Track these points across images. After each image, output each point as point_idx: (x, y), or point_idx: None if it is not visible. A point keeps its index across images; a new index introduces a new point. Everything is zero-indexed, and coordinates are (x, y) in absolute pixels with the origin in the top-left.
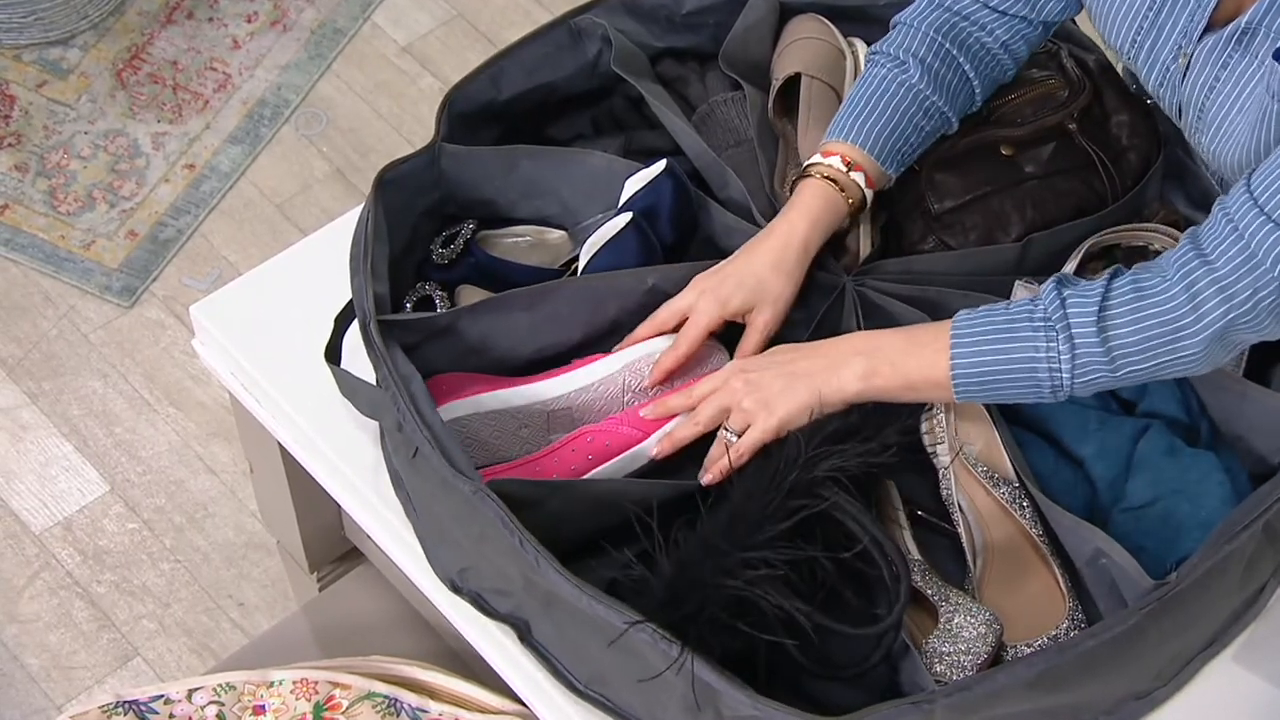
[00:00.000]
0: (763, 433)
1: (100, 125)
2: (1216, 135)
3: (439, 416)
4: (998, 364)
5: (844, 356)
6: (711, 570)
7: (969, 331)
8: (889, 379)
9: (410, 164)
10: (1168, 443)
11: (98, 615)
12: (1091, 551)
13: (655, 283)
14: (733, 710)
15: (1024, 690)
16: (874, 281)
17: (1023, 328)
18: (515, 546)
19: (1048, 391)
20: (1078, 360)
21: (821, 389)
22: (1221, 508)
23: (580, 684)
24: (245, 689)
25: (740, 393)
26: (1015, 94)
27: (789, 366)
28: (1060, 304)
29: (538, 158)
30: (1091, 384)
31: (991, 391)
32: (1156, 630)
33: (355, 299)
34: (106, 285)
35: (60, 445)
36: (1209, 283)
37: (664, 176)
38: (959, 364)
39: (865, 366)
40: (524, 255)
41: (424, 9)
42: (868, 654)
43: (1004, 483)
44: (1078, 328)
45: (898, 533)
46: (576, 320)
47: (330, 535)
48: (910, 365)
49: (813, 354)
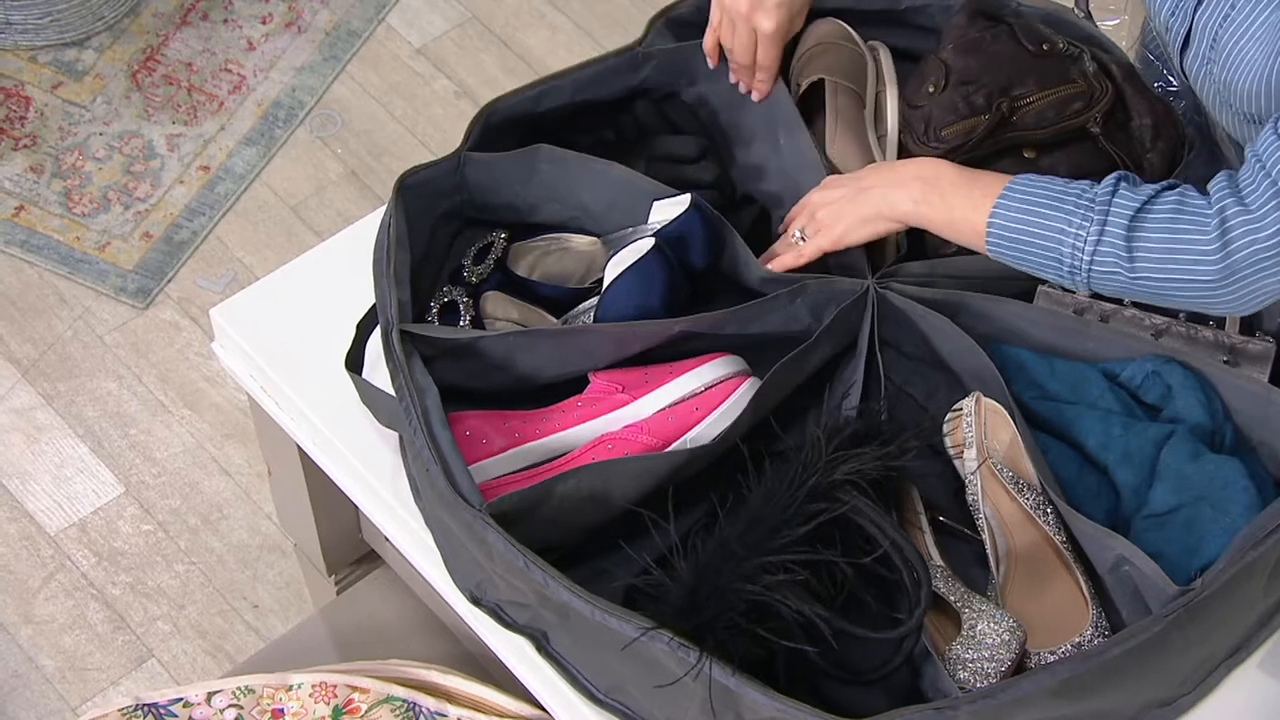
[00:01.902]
0: (827, 240)
1: (115, 127)
2: (1229, 63)
3: (449, 434)
4: (1030, 229)
5: (907, 178)
6: (730, 575)
7: (1021, 191)
8: (936, 210)
9: (434, 170)
10: (1191, 448)
11: (113, 617)
12: (1114, 559)
13: (682, 329)
14: (754, 712)
15: (1048, 698)
16: (898, 284)
17: (1069, 202)
18: (522, 569)
19: (1066, 270)
20: (1100, 248)
21: (880, 205)
22: (1246, 514)
23: (600, 693)
24: (264, 692)
25: (816, 205)
26: (1037, 96)
27: (860, 183)
28: (1111, 192)
29: (558, 163)
30: (1108, 277)
31: (1017, 254)
32: (1181, 637)
33: (379, 305)
34: (121, 287)
35: (75, 446)
36: (1240, 222)
37: (692, 211)
38: (997, 218)
39: (920, 192)
40: (555, 263)
41: (438, 11)
42: (888, 658)
43: (1028, 488)
44: (1114, 217)
45: (919, 537)
46: (602, 353)
47: (348, 538)
48: (957, 204)
49: (882, 171)
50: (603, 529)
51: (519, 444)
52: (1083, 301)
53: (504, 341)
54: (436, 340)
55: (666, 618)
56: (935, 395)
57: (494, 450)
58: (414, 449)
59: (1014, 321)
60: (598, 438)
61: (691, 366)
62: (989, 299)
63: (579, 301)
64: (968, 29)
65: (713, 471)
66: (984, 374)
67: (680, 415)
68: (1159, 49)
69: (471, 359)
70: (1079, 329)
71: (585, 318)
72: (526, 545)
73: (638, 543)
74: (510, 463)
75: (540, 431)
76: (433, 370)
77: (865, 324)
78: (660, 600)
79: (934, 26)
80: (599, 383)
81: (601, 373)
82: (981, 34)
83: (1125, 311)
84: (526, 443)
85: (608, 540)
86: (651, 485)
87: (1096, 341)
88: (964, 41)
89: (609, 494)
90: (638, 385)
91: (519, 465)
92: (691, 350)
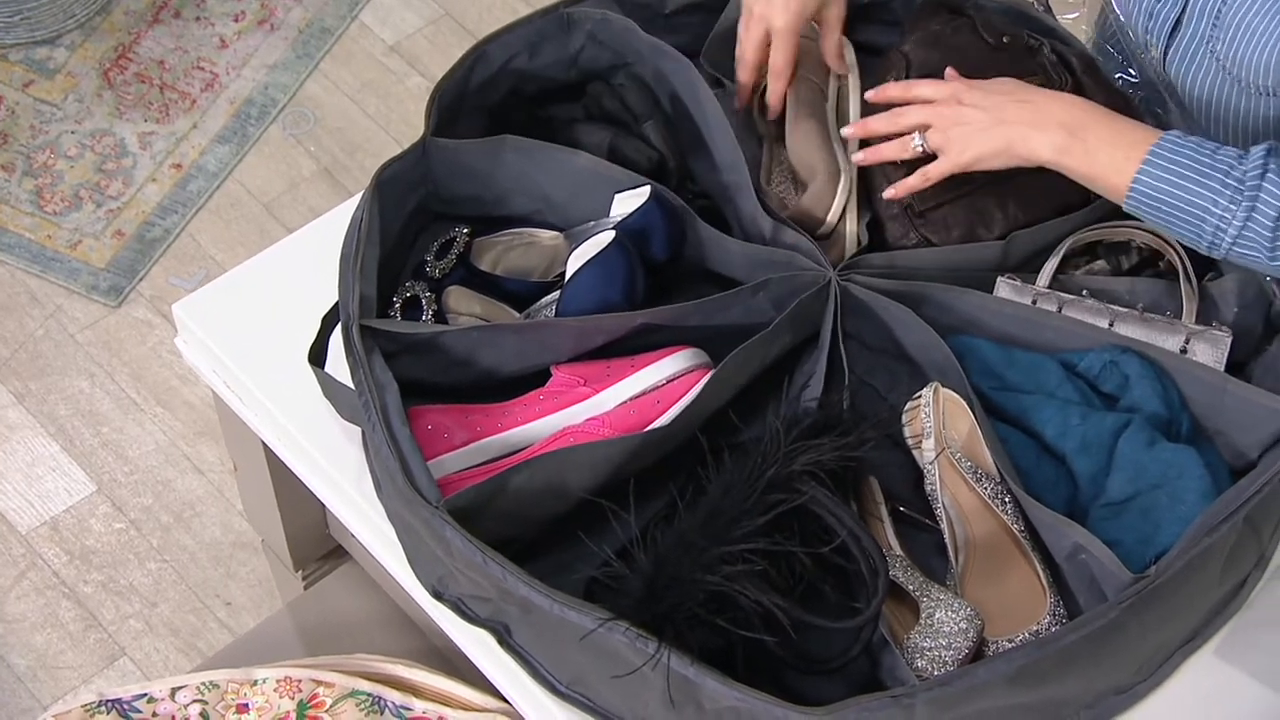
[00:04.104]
0: (952, 166)
1: (87, 125)
2: (1236, 39)
3: (408, 430)
4: (1175, 197)
5: (1049, 121)
6: (689, 566)
7: (1168, 156)
8: (1078, 161)
9: (403, 161)
10: (1148, 437)
11: (84, 615)
12: (1071, 547)
13: (644, 321)
14: (713, 702)
15: (1004, 685)
16: (859, 276)
17: (1216, 178)
18: (480, 564)
19: (1205, 244)
20: (1244, 233)
21: (1017, 144)
22: (1201, 502)
23: (562, 685)
24: (228, 687)
25: (948, 119)
26: None
27: (999, 111)
28: (1260, 174)
29: (523, 152)
30: (1247, 258)
31: (1158, 217)
32: (1137, 624)
33: (341, 300)
34: (93, 285)
35: (47, 445)
36: None
37: (652, 203)
38: (1141, 181)
39: (1064, 141)
40: (519, 258)
41: (411, 8)
42: (847, 647)
43: (986, 478)
44: (1263, 205)
45: (879, 528)
46: (564, 347)
47: (315, 533)
48: (1102, 159)
49: (1025, 103)
50: (563, 522)
51: (480, 438)
52: (1042, 291)
53: (466, 336)
54: (398, 335)
55: (625, 609)
56: (897, 386)
57: (455, 445)
58: (374, 444)
59: (974, 312)
60: (559, 431)
61: (653, 360)
62: (951, 290)
63: (542, 295)
64: (929, 22)
65: (672, 464)
66: (944, 365)
67: (642, 409)
68: (1117, 42)
69: (433, 354)
70: (1038, 319)
71: (548, 312)
72: (486, 540)
73: (598, 536)
74: (471, 457)
75: (501, 425)
76: (395, 366)
77: (827, 315)
78: (619, 592)
79: (898, 21)
80: (561, 376)
81: (563, 366)
82: (942, 27)
83: (1085, 301)
84: (487, 437)
85: (568, 534)
86: (608, 473)
87: (1055, 331)
88: (925, 34)
89: (565, 484)
90: (599, 378)
91: (480, 459)
92: (654, 343)
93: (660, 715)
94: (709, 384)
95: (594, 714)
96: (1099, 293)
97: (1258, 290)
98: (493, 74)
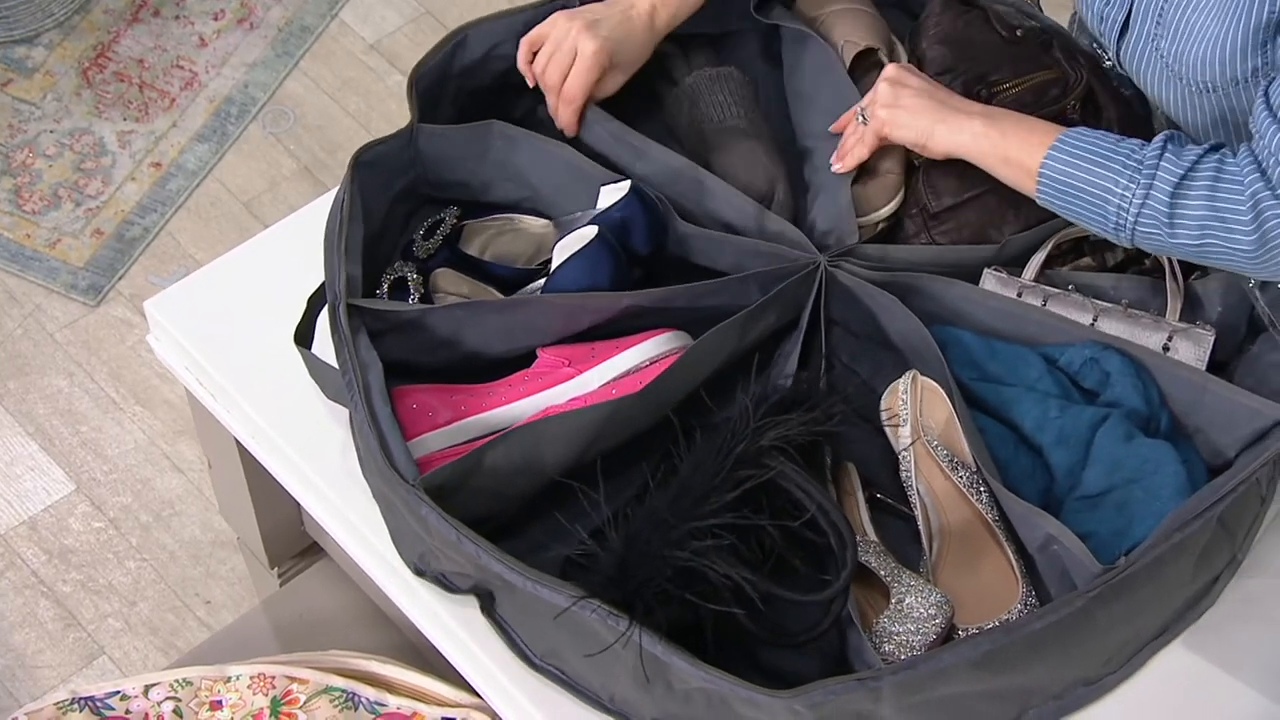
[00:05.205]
0: (878, 130)
1: (66, 124)
2: (1178, 36)
3: (389, 409)
4: (1080, 182)
5: (973, 113)
6: (659, 543)
7: (1073, 144)
8: (992, 148)
9: (388, 145)
10: (1125, 431)
11: (63, 614)
12: (1044, 537)
13: (630, 303)
14: (682, 682)
15: (970, 670)
16: (849, 264)
17: (1118, 162)
18: (455, 542)
19: (1111, 227)
20: (1144, 211)
21: (939, 123)
22: (1176, 498)
23: (536, 657)
24: (202, 684)
25: (885, 97)
26: (1014, 83)
27: (933, 89)
28: (1159, 155)
29: (511, 140)
30: (1150, 238)
31: (1066, 204)
32: (1105, 615)
33: (327, 280)
34: (72, 284)
35: (25, 444)
36: (1267, 195)
37: (632, 196)
38: (1048, 166)
39: (982, 129)
40: (508, 243)
41: (392, 6)
42: (817, 621)
43: (962, 467)
44: (1159, 182)
45: (856, 514)
46: (551, 328)
47: (290, 531)
48: (1013, 144)
49: (953, 96)
50: (540, 501)
51: (464, 417)
52: (1027, 284)
53: (451, 316)
54: (384, 314)
55: (597, 586)
56: (881, 373)
57: (438, 424)
58: (358, 423)
59: (959, 303)
60: (542, 411)
61: (637, 341)
62: (937, 280)
63: (528, 282)
64: (941, 17)
65: (647, 446)
66: (926, 353)
67: (625, 389)
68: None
69: (419, 334)
70: (1022, 313)
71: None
72: (464, 517)
73: (574, 516)
74: (454, 436)
75: (485, 405)
76: (380, 346)
77: (809, 298)
78: (592, 570)
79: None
80: (546, 357)
81: (549, 348)
82: (955, 21)
83: (1070, 295)
84: (471, 416)
85: (546, 513)
86: (582, 445)
87: (1038, 326)
88: (939, 31)
89: (541, 457)
90: (584, 360)
91: (463, 438)
92: (639, 326)
93: (631, 692)
94: (686, 357)
95: (567, 687)
96: (1084, 287)
97: (1241, 290)
98: (477, 59)
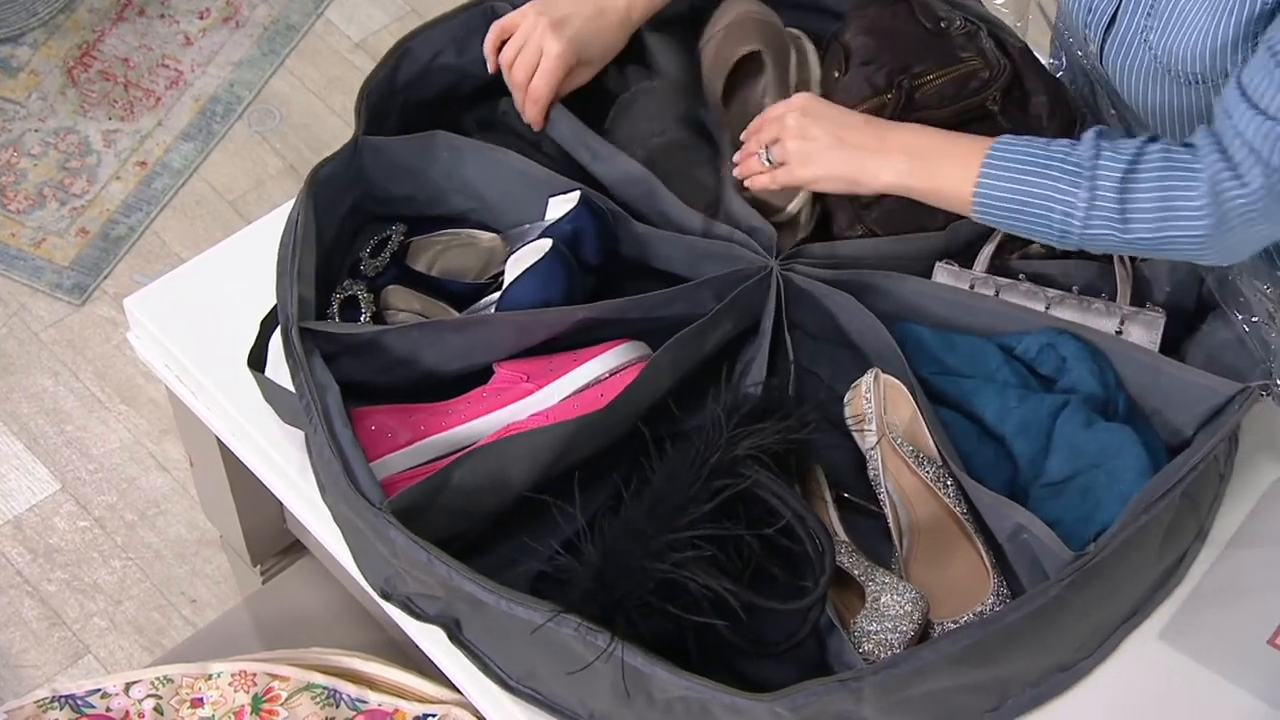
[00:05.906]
0: (793, 178)
1: (51, 123)
2: (1170, 29)
3: (350, 431)
4: (1018, 196)
5: (892, 150)
6: (638, 555)
7: (1002, 158)
8: (921, 181)
9: (335, 162)
10: (1085, 417)
11: (48, 614)
12: (1013, 527)
13: (586, 315)
14: (664, 692)
15: (950, 665)
16: (801, 265)
17: (1054, 167)
18: (425, 563)
19: (1056, 235)
20: (1092, 213)
21: (860, 171)
22: (1138, 480)
23: (512, 680)
24: (183, 682)
25: (792, 131)
26: (937, 74)
27: (843, 131)
28: (1095, 154)
29: (458, 150)
30: (1100, 239)
31: (1007, 220)
32: (1078, 601)
33: (279, 304)
34: (57, 283)
35: (10, 444)
36: (1227, 177)
37: (582, 208)
38: (983, 187)
39: (905, 165)
40: (456, 258)
41: (377, 4)
42: (796, 629)
43: (928, 461)
44: (1103, 182)
45: (825, 515)
46: (505, 344)
47: (272, 528)
48: (941, 175)
49: (868, 132)
50: (509, 517)
51: (424, 437)
52: (979, 276)
53: (407, 335)
54: (337, 336)
55: (575, 601)
56: (841, 373)
57: (399, 445)
58: (316, 446)
59: (914, 298)
60: (503, 428)
61: (596, 353)
62: (891, 276)
63: (479, 296)
64: (868, 8)
65: (615, 456)
66: (885, 351)
67: (586, 402)
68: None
69: (374, 355)
70: (975, 304)
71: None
72: (431, 537)
73: (545, 530)
74: (415, 456)
75: (445, 424)
76: (336, 368)
77: (769, 304)
78: (568, 584)
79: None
80: (504, 373)
81: (506, 363)
82: (879, 13)
83: (1020, 285)
84: (431, 435)
85: (515, 529)
86: (548, 461)
87: (992, 315)
88: (863, 22)
89: (507, 475)
90: (542, 374)
91: (424, 459)
92: (596, 338)
93: (611, 707)
94: (647, 371)
95: (545, 708)
96: (1035, 277)
97: (1188, 269)
98: (420, 70)
